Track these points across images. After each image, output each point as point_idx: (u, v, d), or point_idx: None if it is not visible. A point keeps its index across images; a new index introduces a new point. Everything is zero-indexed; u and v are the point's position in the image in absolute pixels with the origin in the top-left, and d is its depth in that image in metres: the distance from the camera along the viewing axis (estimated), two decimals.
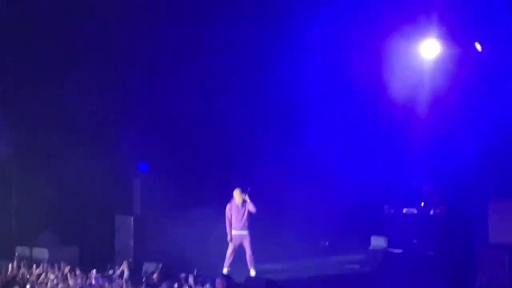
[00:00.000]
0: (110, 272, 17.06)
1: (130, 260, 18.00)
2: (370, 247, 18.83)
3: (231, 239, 17.33)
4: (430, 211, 18.64)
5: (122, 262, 17.99)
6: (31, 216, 19.56)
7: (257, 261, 17.32)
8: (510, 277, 14.06)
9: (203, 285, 14.51)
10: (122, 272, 16.82)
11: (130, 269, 17.04)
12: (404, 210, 19.01)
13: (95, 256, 18.79)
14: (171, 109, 20.11)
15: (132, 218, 19.36)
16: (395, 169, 20.15)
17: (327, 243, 20.69)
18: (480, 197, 17.01)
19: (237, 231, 17.33)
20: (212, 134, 20.37)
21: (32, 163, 19.60)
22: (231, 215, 17.35)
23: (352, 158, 20.19)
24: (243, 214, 17.28)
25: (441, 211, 18.52)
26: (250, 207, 17.25)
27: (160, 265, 17.17)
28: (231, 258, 17.37)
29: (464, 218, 16.80)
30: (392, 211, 19.04)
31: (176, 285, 14.59)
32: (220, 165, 20.56)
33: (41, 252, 19.17)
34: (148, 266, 17.54)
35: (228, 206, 17.42)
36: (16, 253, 18.77)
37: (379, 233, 18.93)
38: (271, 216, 19.24)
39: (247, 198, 17.26)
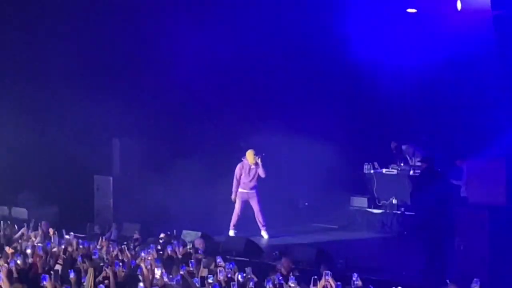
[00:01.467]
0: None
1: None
2: (351, 207, 18.91)
3: (235, 198, 17.54)
4: (409, 171, 18.64)
5: (101, 222, 18.06)
6: (10, 176, 19.47)
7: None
8: (489, 238, 14.10)
9: (184, 245, 14.52)
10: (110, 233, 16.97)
11: (118, 230, 17.16)
12: (384, 170, 19.00)
13: (74, 216, 18.77)
14: (150, 70, 19.97)
15: (111, 178, 19.32)
16: (375, 128, 20.13)
17: (306, 203, 20.68)
18: (459, 156, 17.07)
19: (245, 190, 17.54)
20: (191, 92, 20.19)
21: (10, 122, 19.45)
22: (240, 175, 17.58)
23: (332, 117, 20.03)
24: (254, 176, 17.55)
25: (420, 170, 18.45)
26: (261, 171, 17.51)
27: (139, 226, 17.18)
28: (237, 218, 17.57)
29: (443, 178, 16.76)
30: (372, 170, 19.02)
31: (159, 246, 14.59)
32: (200, 122, 20.46)
33: (20, 212, 19.18)
34: (128, 227, 17.52)
35: (239, 166, 17.65)
36: None
37: (359, 193, 19.00)
38: None
39: (259, 161, 17.46)
